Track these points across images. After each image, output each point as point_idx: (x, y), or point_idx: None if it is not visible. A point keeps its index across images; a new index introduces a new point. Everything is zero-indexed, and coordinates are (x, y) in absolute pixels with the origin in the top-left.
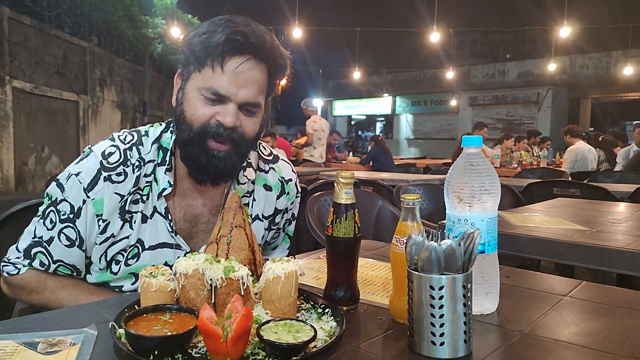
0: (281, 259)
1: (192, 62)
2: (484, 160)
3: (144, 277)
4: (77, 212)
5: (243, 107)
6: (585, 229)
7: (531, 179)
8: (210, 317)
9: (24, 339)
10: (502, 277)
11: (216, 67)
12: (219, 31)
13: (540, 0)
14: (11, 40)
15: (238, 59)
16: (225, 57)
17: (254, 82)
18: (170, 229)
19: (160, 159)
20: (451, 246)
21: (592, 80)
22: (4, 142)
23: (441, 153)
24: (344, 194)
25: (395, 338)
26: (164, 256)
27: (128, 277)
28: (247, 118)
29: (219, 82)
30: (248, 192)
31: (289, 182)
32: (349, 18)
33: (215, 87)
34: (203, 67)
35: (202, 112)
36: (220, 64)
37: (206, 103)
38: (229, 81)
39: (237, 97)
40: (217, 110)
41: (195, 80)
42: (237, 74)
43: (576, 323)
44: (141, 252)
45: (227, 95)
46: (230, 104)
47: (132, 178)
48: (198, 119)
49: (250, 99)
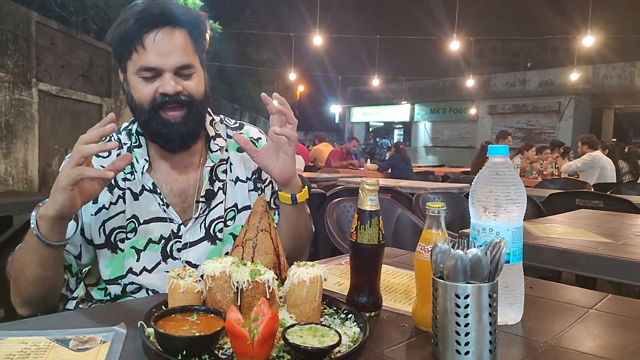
0: (306, 264)
1: (122, 54)
2: (510, 169)
3: (172, 278)
4: None
5: (178, 73)
6: (609, 241)
7: (552, 189)
8: (237, 319)
9: (56, 336)
10: (526, 288)
11: (139, 48)
12: (127, 16)
13: (563, 9)
14: (38, 43)
15: (153, 32)
16: (142, 36)
17: (176, 47)
18: (161, 201)
19: (132, 142)
20: (477, 255)
21: (616, 90)
22: (29, 143)
23: (459, 161)
24: (369, 201)
25: (418, 346)
26: (158, 229)
27: (131, 255)
28: (187, 81)
29: (146, 59)
30: (224, 160)
31: (259, 140)
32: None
33: (145, 63)
34: (131, 54)
35: (146, 91)
36: (141, 43)
37: (145, 82)
38: (154, 54)
39: (167, 65)
40: (157, 85)
41: (130, 68)
42: (158, 45)
43: (602, 336)
44: (137, 226)
45: (157, 66)
46: (165, 74)
47: (114, 155)
48: (145, 98)
49: (180, 62)
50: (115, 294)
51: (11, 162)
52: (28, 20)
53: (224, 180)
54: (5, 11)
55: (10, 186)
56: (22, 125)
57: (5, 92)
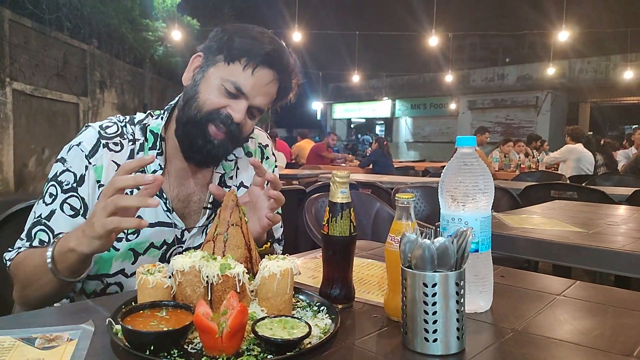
0: (277, 257)
1: (225, 52)
2: (478, 160)
3: (140, 274)
4: (80, 179)
5: (251, 109)
6: (581, 230)
7: (529, 182)
8: (205, 312)
9: (22, 335)
10: (497, 276)
11: (247, 69)
12: (266, 42)
13: (539, 5)
14: (12, 42)
15: (267, 71)
16: (259, 65)
17: (269, 93)
18: (165, 207)
19: (151, 144)
20: (444, 244)
21: (591, 84)
22: (4, 143)
23: (440, 156)
24: (340, 193)
25: (389, 335)
26: (162, 234)
27: (127, 257)
28: (249, 119)
29: (245, 81)
30: (232, 166)
31: (267, 147)
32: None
33: (240, 84)
34: (234, 62)
35: (217, 100)
36: (253, 68)
37: (224, 94)
38: (253, 85)
39: (253, 100)
40: (229, 103)
41: (221, 70)
42: (262, 82)
43: (569, 321)
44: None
45: (247, 94)
46: (243, 101)
47: (127, 150)
48: (211, 104)
49: (260, 105)
50: (94, 290)
51: None
52: (1, 19)
53: (230, 187)
54: None
55: None
56: None
57: None
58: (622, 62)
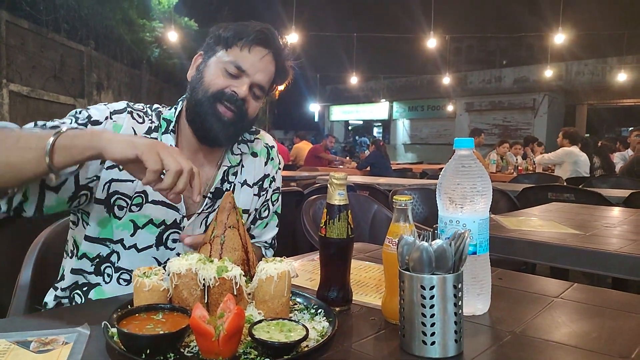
0: (274, 259)
1: (221, 43)
2: (476, 162)
3: (137, 277)
4: (94, 121)
5: (253, 88)
6: (578, 232)
7: (527, 184)
8: (202, 316)
9: (17, 338)
10: (495, 279)
11: (244, 49)
12: (256, 25)
13: (536, 7)
14: (8, 43)
15: (263, 49)
16: (253, 44)
17: (268, 71)
18: None
19: (164, 129)
20: (442, 246)
21: (588, 86)
22: None
23: (438, 158)
24: (337, 195)
25: (387, 338)
26: (163, 214)
27: (127, 228)
28: (252, 100)
29: (243, 59)
30: (237, 163)
31: (272, 148)
32: (346, 23)
33: (240, 62)
34: (231, 47)
35: (221, 81)
36: (249, 47)
37: (225, 75)
38: (251, 61)
39: (254, 77)
40: (232, 83)
41: (222, 56)
42: (259, 59)
43: (567, 324)
44: (144, 203)
45: (247, 71)
46: (245, 79)
47: (146, 126)
48: (215, 85)
49: (262, 82)
50: (98, 254)
51: None
52: None
53: (232, 182)
54: None
55: None
56: None
57: None
58: (619, 65)
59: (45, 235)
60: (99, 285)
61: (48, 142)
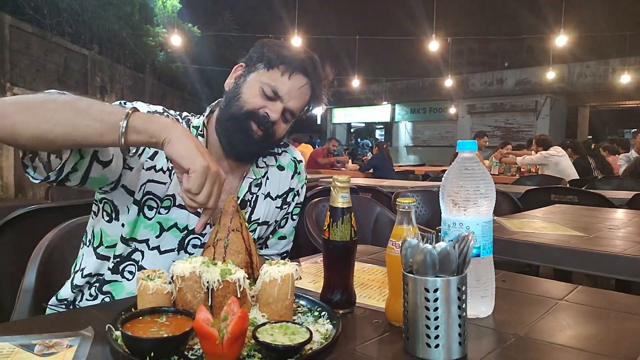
0: (277, 262)
1: (265, 61)
2: (479, 164)
3: (141, 279)
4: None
5: (285, 113)
6: (582, 234)
7: (529, 186)
8: (206, 318)
9: (21, 341)
10: (498, 281)
11: (285, 74)
12: (302, 52)
13: (538, 9)
14: (12, 47)
15: (302, 77)
16: (294, 71)
17: (302, 99)
18: None
19: (198, 132)
20: (446, 249)
21: (590, 88)
22: (4, 149)
23: (440, 160)
24: (341, 198)
25: (390, 341)
26: (187, 219)
27: (155, 229)
28: (282, 123)
29: (282, 85)
30: (262, 175)
31: (300, 163)
32: (348, 26)
33: (278, 87)
34: (273, 69)
35: (257, 101)
36: (289, 73)
37: (262, 96)
38: (289, 88)
39: (288, 103)
40: (267, 104)
41: (262, 75)
42: (297, 88)
43: (572, 326)
44: (172, 206)
45: (282, 96)
46: (279, 104)
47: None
48: (252, 103)
49: (294, 108)
50: (120, 254)
51: None
52: (1, 24)
53: (255, 193)
54: None
55: None
56: None
57: None
58: (621, 66)
59: (50, 238)
60: (116, 282)
61: (123, 119)
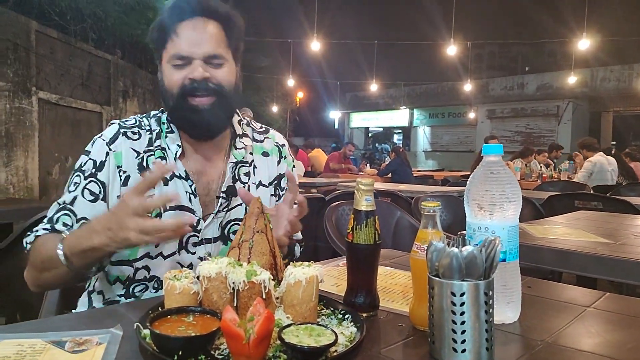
0: (302, 264)
1: (159, 43)
2: (505, 168)
3: (168, 279)
4: (99, 165)
5: (208, 62)
6: (608, 241)
7: (552, 192)
8: (233, 319)
9: (52, 338)
10: (524, 287)
11: (173, 36)
12: (166, 9)
13: (559, 13)
14: (38, 52)
15: (188, 21)
16: (176, 25)
17: (209, 37)
18: (191, 190)
19: (164, 131)
20: (472, 253)
21: (614, 93)
22: (29, 151)
23: (459, 165)
24: (365, 201)
25: (415, 345)
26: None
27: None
28: (216, 69)
29: (178, 46)
30: (247, 162)
31: (283, 147)
32: (366, 31)
33: (177, 51)
34: (166, 42)
35: (176, 77)
36: (175, 31)
37: (176, 69)
38: (186, 42)
39: (198, 53)
40: (186, 72)
41: (165, 56)
42: (191, 33)
43: (600, 334)
44: (162, 212)
45: (189, 54)
46: (195, 61)
47: (146, 139)
48: (175, 84)
49: (210, 51)
50: (127, 276)
51: (12, 171)
52: (28, 30)
53: (246, 183)
54: (5, 20)
55: (10, 194)
56: (22, 134)
57: (6, 101)
58: None
59: None
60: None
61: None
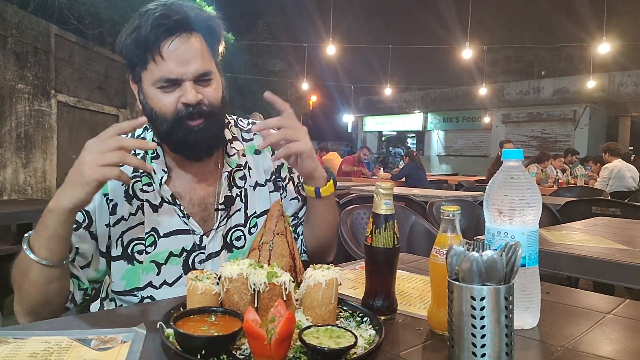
0: (321, 266)
1: (136, 62)
2: (525, 173)
3: (190, 280)
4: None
5: (197, 81)
6: (627, 248)
7: (569, 198)
8: (255, 319)
9: (78, 336)
10: (542, 293)
11: (157, 57)
12: (143, 24)
13: (576, 17)
14: (57, 56)
15: (170, 39)
16: (159, 45)
17: (195, 54)
18: (181, 213)
19: (149, 155)
20: (493, 257)
21: (633, 97)
22: (48, 153)
23: (473, 170)
24: (384, 205)
25: (434, 349)
26: (180, 242)
27: (151, 269)
28: (206, 88)
29: (165, 69)
30: (241, 165)
31: None
32: (381, 35)
33: (164, 74)
34: (147, 63)
35: (167, 102)
36: (159, 52)
37: (165, 92)
38: (174, 64)
39: (187, 74)
40: (178, 94)
41: (147, 78)
42: (176, 53)
43: (620, 340)
44: (157, 239)
45: (178, 77)
46: (185, 83)
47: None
48: (167, 109)
49: (199, 70)
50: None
51: (30, 172)
52: (47, 33)
53: (242, 187)
54: (25, 24)
55: (29, 195)
56: (41, 136)
57: (25, 103)
58: None
59: None
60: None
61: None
